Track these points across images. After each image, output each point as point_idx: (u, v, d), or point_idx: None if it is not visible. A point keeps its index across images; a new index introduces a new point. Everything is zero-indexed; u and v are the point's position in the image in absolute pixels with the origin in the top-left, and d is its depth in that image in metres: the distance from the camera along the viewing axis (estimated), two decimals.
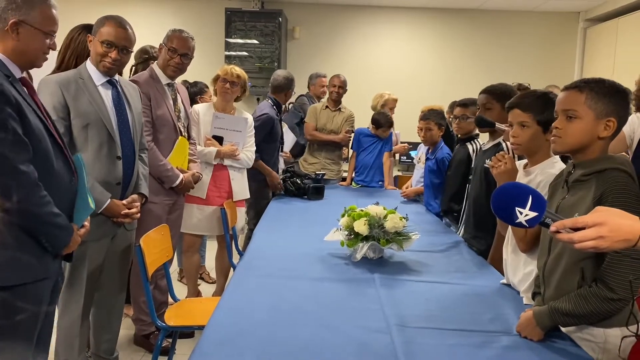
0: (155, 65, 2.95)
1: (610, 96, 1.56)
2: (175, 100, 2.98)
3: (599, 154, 1.58)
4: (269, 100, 4.07)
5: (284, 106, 4.37)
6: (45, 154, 1.73)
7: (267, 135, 3.87)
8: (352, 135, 4.67)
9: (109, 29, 2.31)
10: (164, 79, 2.92)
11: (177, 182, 2.92)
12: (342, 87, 4.65)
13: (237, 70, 3.44)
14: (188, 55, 2.93)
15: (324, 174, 4.30)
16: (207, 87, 4.35)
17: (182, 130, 3.00)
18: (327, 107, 4.68)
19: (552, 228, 1.24)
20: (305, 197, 3.95)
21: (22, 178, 1.64)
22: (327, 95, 4.86)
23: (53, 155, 1.76)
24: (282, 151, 4.31)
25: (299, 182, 4.01)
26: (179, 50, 2.88)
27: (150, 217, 2.78)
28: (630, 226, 1.15)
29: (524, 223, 1.32)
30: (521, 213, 1.32)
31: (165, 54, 2.90)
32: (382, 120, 4.42)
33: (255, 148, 3.64)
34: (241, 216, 3.61)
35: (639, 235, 1.14)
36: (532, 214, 1.30)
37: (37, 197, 1.68)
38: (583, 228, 1.17)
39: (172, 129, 2.92)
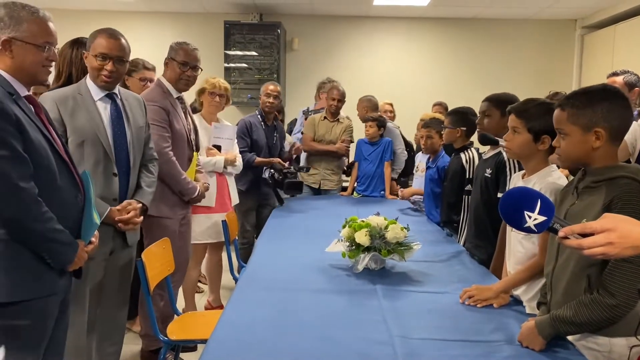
0: (163, 79, 2.94)
1: (592, 106, 1.54)
2: (186, 114, 3.02)
3: (608, 162, 1.56)
4: (257, 110, 4.22)
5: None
6: (48, 170, 1.74)
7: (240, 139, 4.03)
8: (350, 145, 4.67)
9: (101, 41, 2.29)
10: (175, 93, 2.94)
11: (196, 193, 2.97)
12: (341, 100, 4.63)
13: (223, 82, 3.61)
14: (197, 67, 2.96)
15: (309, 168, 4.33)
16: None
17: (193, 143, 3.05)
18: (325, 118, 4.67)
19: (561, 234, 1.23)
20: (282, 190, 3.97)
21: (22, 194, 1.65)
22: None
23: (57, 171, 1.77)
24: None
25: (275, 176, 3.96)
26: (190, 63, 2.91)
27: (167, 232, 2.80)
28: (639, 232, 1.15)
29: (533, 228, 1.31)
30: (530, 217, 1.31)
31: (175, 67, 2.91)
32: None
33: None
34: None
35: None
36: (541, 219, 1.29)
37: (38, 213, 1.69)
38: (592, 234, 1.16)
39: (186, 143, 2.96)
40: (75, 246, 1.82)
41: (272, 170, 3.97)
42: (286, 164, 4.13)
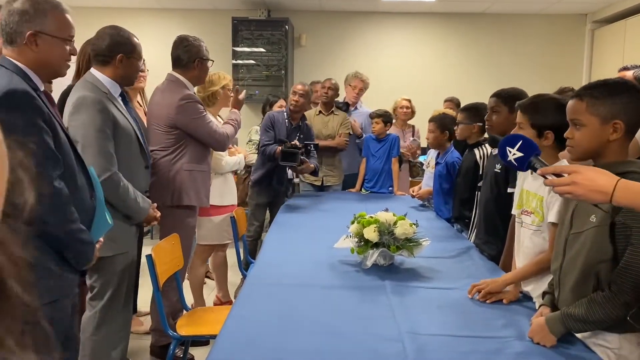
0: (179, 76, 2.96)
1: (612, 97, 1.53)
2: None
3: (618, 157, 1.56)
4: (286, 107, 4.24)
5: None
6: (71, 169, 1.71)
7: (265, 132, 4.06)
8: (348, 137, 4.58)
9: (139, 45, 2.37)
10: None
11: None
12: (332, 89, 4.55)
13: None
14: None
15: (317, 145, 4.14)
16: None
17: None
18: (320, 112, 4.60)
19: (538, 172, 1.43)
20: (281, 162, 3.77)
21: (58, 195, 1.62)
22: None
23: (76, 170, 1.74)
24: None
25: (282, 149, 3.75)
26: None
27: (186, 224, 2.90)
28: (605, 180, 1.27)
29: (514, 162, 1.57)
30: (510, 152, 1.57)
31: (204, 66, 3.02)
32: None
33: None
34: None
35: (613, 187, 1.24)
36: (519, 154, 1.55)
37: (69, 213, 1.66)
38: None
39: None
40: (93, 246, 1.79)
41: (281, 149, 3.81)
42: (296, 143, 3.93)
